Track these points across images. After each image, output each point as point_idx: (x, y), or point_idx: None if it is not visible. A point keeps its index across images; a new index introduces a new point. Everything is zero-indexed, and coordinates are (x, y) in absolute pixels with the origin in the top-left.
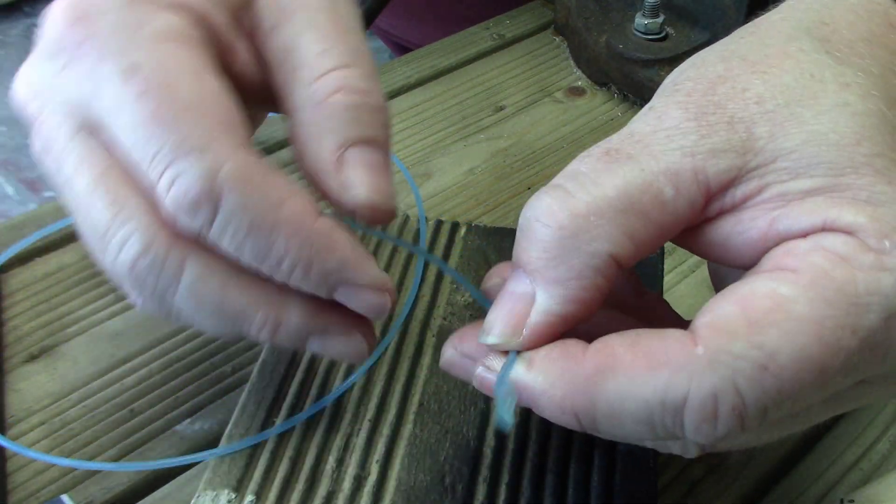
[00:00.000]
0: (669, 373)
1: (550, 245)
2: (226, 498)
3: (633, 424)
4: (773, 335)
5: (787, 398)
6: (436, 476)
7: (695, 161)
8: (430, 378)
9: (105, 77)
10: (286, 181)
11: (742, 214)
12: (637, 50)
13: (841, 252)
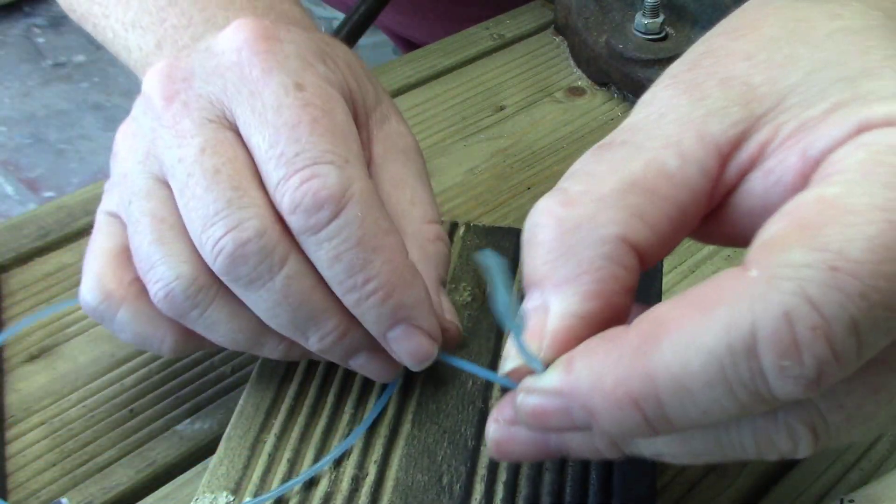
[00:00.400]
0: (728, 309)
1: (553, 244)
2: (224, 500)
3: (707, 392)
4: (834, 232)
5: (878, 305)
6: (433, 476)
7: (695, 125)
8: (429, 378)
9: (269, 85)
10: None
11: (768, 164)
12: (637, 50)
13: (887, 141)
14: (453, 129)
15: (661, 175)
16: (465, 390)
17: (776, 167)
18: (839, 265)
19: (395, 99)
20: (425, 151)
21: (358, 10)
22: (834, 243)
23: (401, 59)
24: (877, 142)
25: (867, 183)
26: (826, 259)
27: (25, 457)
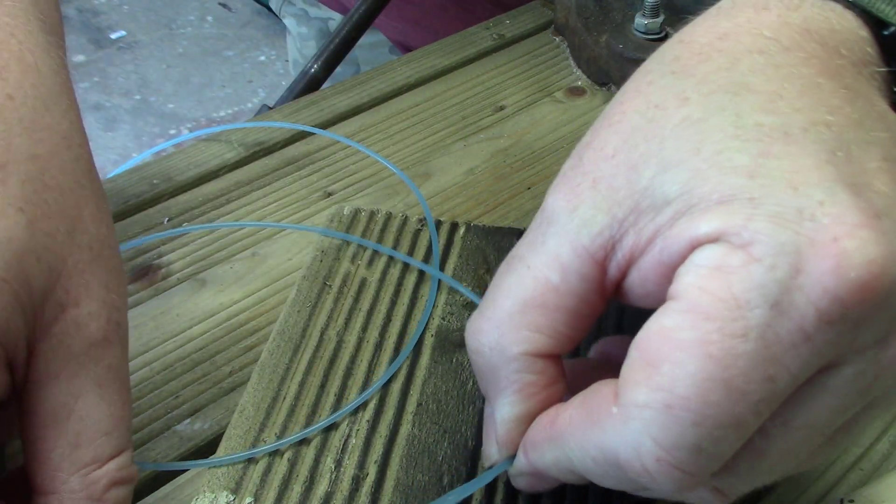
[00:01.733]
0: (600, 433)
1: (481, 370)
2: (224, 500)
3: (606, 478)
4: (666, 371)
5: (712, 427)
6: (434, 476)
7: (570, 238)
8: (429, 378)
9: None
10: None
11: (641, 264)
12: (637, 50)
13: (711, 262)
14: (453, 128)
15: (548, 290)
16: (465, 391)
17: (646, 270)
18: (672, 402)
19: (395, 99)
20: (425, 151)
21: (358, 10)
22: (667, 382)
23: (401, 59)
24: (702, 264)
25: (692, 315)
26: (662, 399)
27: None
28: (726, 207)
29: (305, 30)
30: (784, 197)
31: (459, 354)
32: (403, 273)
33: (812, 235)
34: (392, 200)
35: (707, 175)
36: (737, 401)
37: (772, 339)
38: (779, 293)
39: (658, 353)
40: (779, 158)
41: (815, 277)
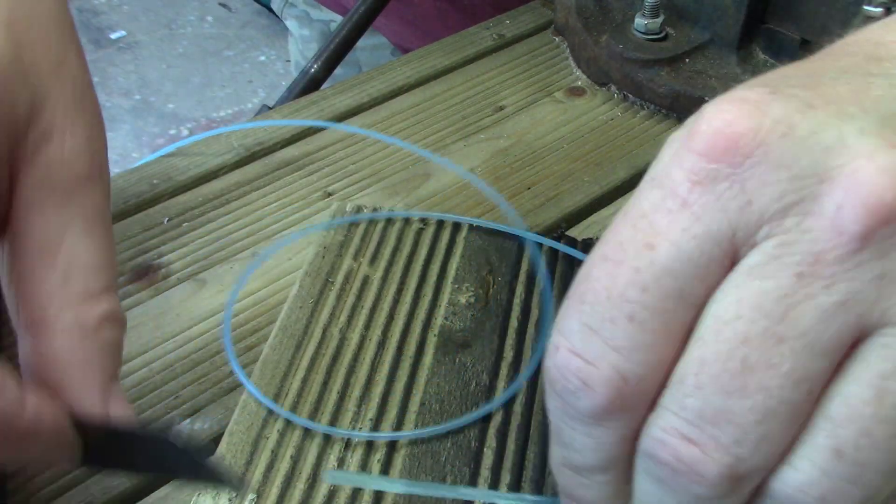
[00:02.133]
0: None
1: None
2: (227, 496)
3: None
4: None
5: (590, 302)
6: (437, 476)
7: None
8: (432, 378)
9: None
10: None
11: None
12: (637, 50)
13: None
14: (453, 128)
15: None
16: (468, 391)
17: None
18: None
19: (395, 99)
20: (425, 151)
21: (357, 10)
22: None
23: (401, 59)
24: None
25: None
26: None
27: None
28: None
29: (307, 32)
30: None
31: (462, 355)
32: (406, 271)
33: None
34: (392, 200)
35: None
36: (614, 272)
37: (647, 208)
38: (657, 171)
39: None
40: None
41: (678, 145)
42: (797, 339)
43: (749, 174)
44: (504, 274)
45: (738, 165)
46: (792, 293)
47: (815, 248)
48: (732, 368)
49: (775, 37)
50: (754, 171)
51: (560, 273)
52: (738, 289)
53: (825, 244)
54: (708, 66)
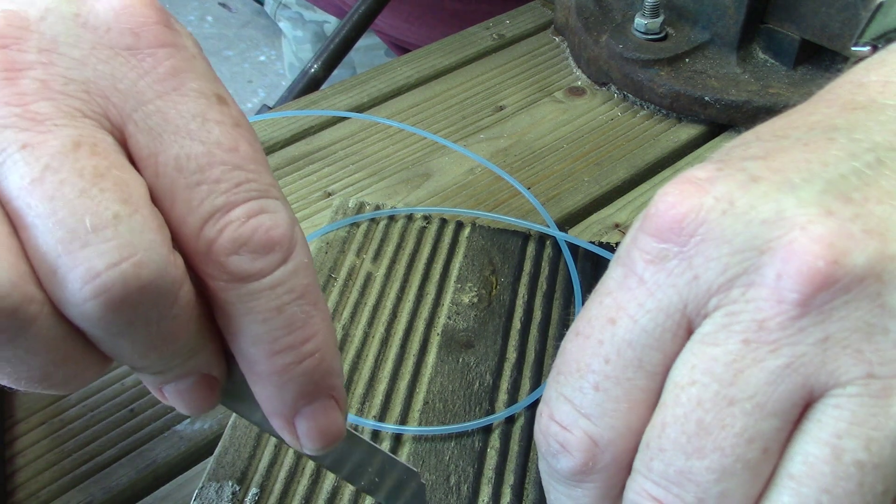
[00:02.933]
0: None
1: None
2: (230, 490)
3: None
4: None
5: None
6: (441, 475)
7: None
8: (435, 377)
9: (185, 92)
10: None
11: None
12: (637, 50)
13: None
14: (453, 128)
15: None
16: (472, 391)
17: None
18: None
19: (395, 99)
20: (425, 151)
21: (357, 10)
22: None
23: (401, 58)
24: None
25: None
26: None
27: (26, 457)
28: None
29: (301, 33)
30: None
31: (466, 355)
32: (409, 269)
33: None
34: (392, 201)
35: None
36: (582, 345)
37: (612, 286)
38: (620, 251)
39: None
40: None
41: (636, 226)
42: (747, 401)
43: (694, 251)
44: (507, 275)
45: (685, 244)
46: (740, 358)
47: (758, 315)
48: (689, 430)
49: (775, 37)
50: (699, 248)
51: (581, 268)
52: (692, 356)
53: (768, 312)
54: (708, 66)
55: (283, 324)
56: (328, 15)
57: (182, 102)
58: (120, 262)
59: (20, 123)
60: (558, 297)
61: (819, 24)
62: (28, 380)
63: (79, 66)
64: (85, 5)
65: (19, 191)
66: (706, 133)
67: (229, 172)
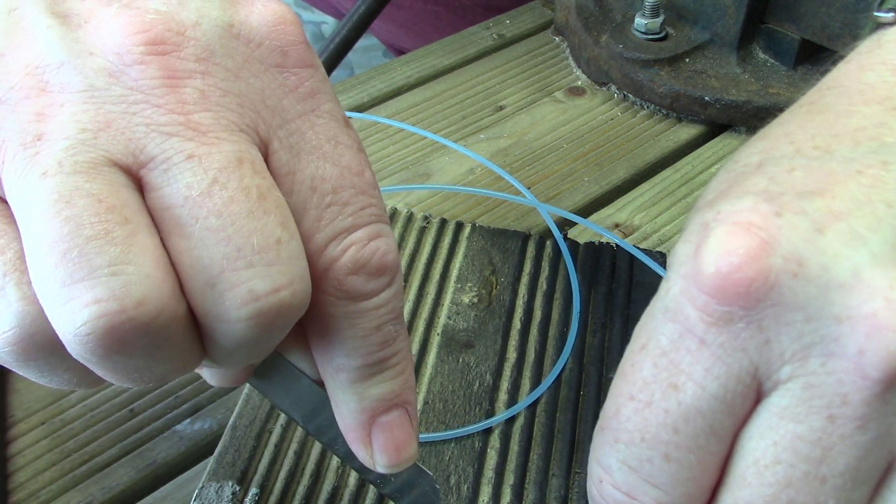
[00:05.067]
0: None
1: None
2: (230, 490)
3: None
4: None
5: (631, 442)
6: (441, 475)
7: None
8: (435, 377)
9: (322, 113)
10: None
11: None
12: (637, 50)
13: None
14: (453, 128)
15: None
16: (472, 391)
17: None
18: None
19: (395, 99)
20: (425, 151)
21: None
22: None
23: (401, 58)
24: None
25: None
26: None
27: (26, 457)
28: None
29: None
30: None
31: (466, 355)
32: (409, 270)
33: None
34: (392, 201)
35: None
36: (645, 414)
37: (666, 346)
38: (669, 302)
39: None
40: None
41: (686, 274)
42: (839, 477)
43: (764, 315)
44: (507, 275)
45: (752, 308)
46: (827, 436)
47: (841, 389)
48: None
49: (775, 37)
50: (769, 313)
51: (580, 268)
52: (772, 431)
53: (851, 386)
54: (708, 65)
55: (379, 340)
56: (326, 16)
57: (319, 124)
58: (279, 290)
59: (185, 133)
60: (558, 296)
61: (819, 24)
62: (143, 382)
63: (233, 77)
64: (238, 15)
65: (185, 200)
66: (706, 133)
67: (356, 196)
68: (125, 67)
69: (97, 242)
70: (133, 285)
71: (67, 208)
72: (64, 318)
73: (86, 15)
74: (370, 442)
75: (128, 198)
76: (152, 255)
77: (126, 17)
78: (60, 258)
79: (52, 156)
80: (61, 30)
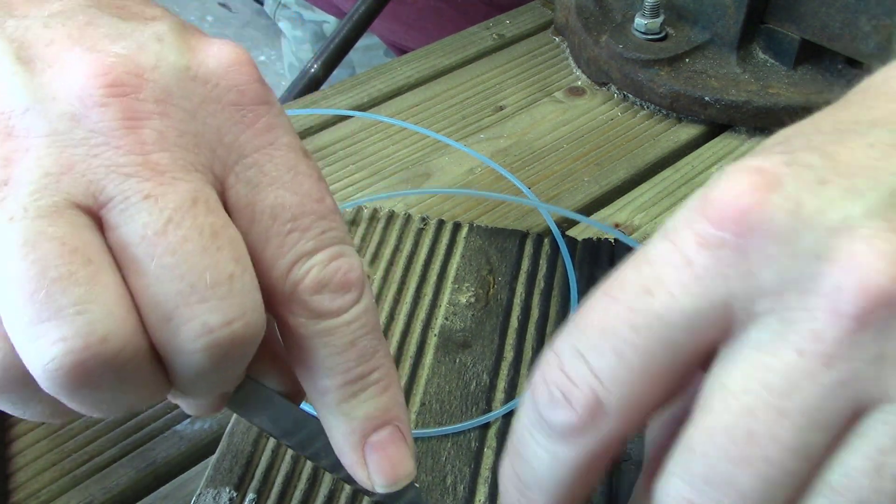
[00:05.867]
0: None
1: None
2: (227, 496)
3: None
4: None
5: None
6: (437, 476)
7: None
8: (432, 378)
9: (280, 146)
10: None
11: None
12: (637, 50)
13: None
14: (453, 128)
15: None
16: (468, 391)
17: None
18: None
19: (395, 99)
20: (425, 151)
21: (357, 10)
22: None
23: (401, 58)
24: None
25: None
26: None
27: (26, 457)
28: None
29: (300, 33)
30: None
31: (463, 355)
32: (406, 271)
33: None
34: (391, 201)
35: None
36: (610, 307)
37: (654, 258)
38: (669, 226)
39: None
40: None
41: (693, 206)
42: (798, 415)
43: (753, 245)
44: (504, 274)
45: (744, 236)
46: (794, 369)
47: (814, 325)
48: (738, 438)
49: (775, 37)
50: (758, 244)
51: (578, 266)
52: (745, 362)
53: (824, 323)
54: (708, 66)
55: (355, 356)
56: (327, 15)
57: (277, 156)
58: (233, 322)
59: (142, 173)
60: (556, 295)
61: (819, 24)
62: (113, 413)
63: (190, 118)
64: (195, 58)
65: (141, 239)
66: (706, 133)
67: (317, 221)
68: (87, 110)
69: (62, 283)
70: (97, 323)
71: (33, 252)
72: (33, 354)
73: (50, 60)
74: (365, 463)
75: (89, 238)
76: (114, 293)
77: (87, 60)
78: (28, 298)
79: (17, 201)
80: (26, 76)
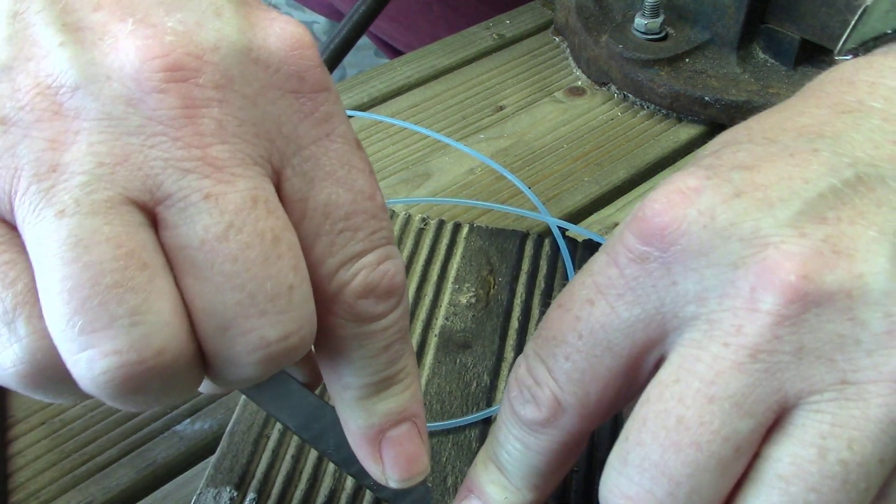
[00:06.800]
0: None
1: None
2: (228, 496)
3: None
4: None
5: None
6: (438, 476)
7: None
8: (433, 378)
9: (335, 137)
10: None
11: None
12: (637, 50)
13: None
14: (453, 128)
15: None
16: (469, 392)
17: None
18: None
19: (395, 99)
20: (425, 151)
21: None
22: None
23: (401, 58)
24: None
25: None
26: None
27: (26, 457)
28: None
29: None
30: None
31: (463, 355)
32: (407, 271)
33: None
34: (388, 203)
35: None
36: (561, 316)
37: (595, 271)
38: (608, 241)
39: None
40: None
41: (626, 223)
42: (726, 400)
43: (674, 258)
44: (505, 274)
45: (665, 250)
46: (720, 359)
47: (736, 321)
48: (669, 425)
49: (775, 36)
50: (678, 257)
51: (578, 267)
52: (678, 357)
53: (744, 319)
54: (708, 65)
55: (386, 359)
56: (317, 15)
57: (333, 148)
58: (289, 336)
59: (202, 169)
60: (556, 295)
61: (819, 24)
62: (147, 409)
63: (250, 105)
64: (256, 38)
65: (202, 244)
66: (706, 133)
67: (368, 220)
68: (144, 95)
69: (117, 291)
70: (153, 336)
71: (87, 254)
72: (81, 364)
73: (100, 31)
74: (381, 457)
75: (145, 239)
76: (169, 301)
77: (143, 37)
78: (80, 305)
79: (69, 192)
80: (75, 49)
